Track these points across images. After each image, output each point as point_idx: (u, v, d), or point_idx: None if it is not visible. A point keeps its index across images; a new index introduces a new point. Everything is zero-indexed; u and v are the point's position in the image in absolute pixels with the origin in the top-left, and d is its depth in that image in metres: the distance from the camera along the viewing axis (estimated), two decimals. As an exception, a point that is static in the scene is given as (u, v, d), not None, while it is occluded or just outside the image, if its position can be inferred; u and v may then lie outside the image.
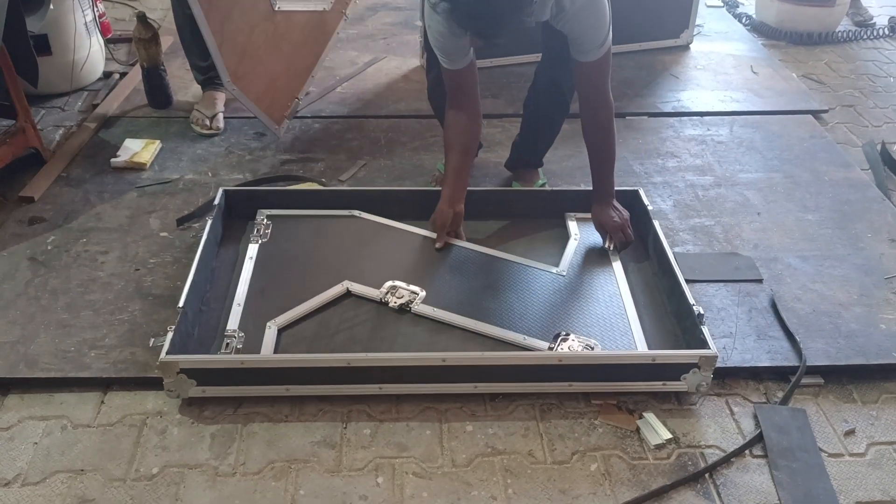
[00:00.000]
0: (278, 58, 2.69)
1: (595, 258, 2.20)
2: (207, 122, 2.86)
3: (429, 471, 1.65)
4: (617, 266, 2.17)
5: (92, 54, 3.15)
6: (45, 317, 2.00)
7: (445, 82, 2.16)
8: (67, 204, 2.45)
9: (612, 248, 2.21)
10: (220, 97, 2.95)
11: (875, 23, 4.08)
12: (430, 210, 2.31)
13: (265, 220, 2.29)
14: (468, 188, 2.25)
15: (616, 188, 2.23)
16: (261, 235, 2.24)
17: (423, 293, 2.03)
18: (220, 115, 2.90)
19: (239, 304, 2.00)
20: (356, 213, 2.34)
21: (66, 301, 2.05)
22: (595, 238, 2.27)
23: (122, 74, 3.27)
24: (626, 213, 2.22)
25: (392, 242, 2.25)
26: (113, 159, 2.65)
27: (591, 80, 2.08)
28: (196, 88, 3.03)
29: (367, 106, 3.11)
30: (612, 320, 1.99)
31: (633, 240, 2.21)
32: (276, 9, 2.62)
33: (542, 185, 2.56)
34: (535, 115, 2.50)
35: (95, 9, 3.19)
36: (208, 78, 2.94)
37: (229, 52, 2.54)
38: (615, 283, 2.11)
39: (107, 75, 3.28)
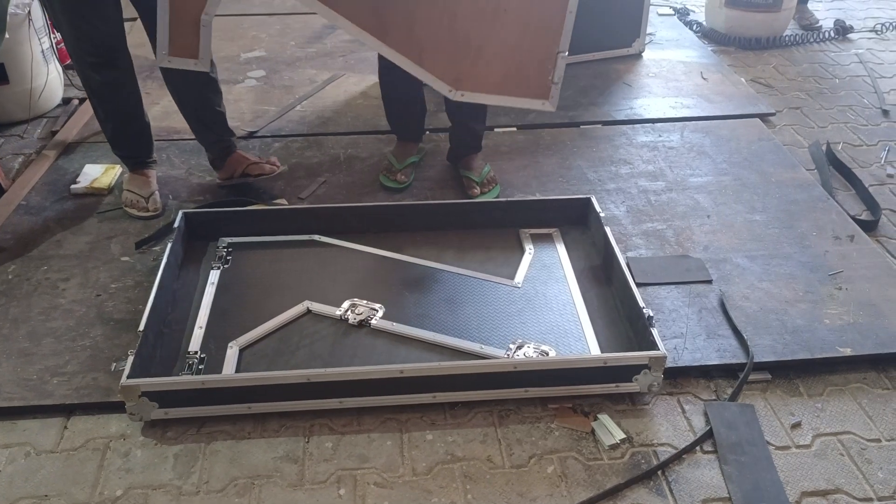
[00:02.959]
0: (501, 29, 2.10)
1: (549, 270, 2.26)
2: (144, 204, 2.54)
3: (390, 480, 1.69)
4: (571, 276, 2.23)
5: (50, 81, 3.16)
6: (6, 346, 2.01)
7: None
8: (27, 232, 2.46)
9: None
10: (152, 174, 2.65)
11: (821, 26, 4.20)
12: (392, 225, 2.37)
13: (226, 248, 2.32)
14: (427, 202, 2.31)
15: (569, 196, 2.29)
16: (222, 262, 2.27)
17: (382, 309, 2.08)
18: (157, 194, 2.60)
19: (200, 327, 2.02)
20: (316, 237, 2.38)
21: (27, 329, 2.06)
22: (549, 251, 2.33)
23: (82, 100, 3.27)
24: None
25: (351, 263, 2.29)
26: (73, 185, 2.66)
27: None
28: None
29: (327, 123, 3.15)
30: (567, 327, 2.05)
31: None
32: None
33: (488, 172, 2.69)
34: (456, 126, 2.73)
35: (52, 36, 3.21)
36: (137, 160, 2.63)
37: (433, 60, 2.08)
38: (569, 292, 2.17)
39: (66, 101, 3.29)
